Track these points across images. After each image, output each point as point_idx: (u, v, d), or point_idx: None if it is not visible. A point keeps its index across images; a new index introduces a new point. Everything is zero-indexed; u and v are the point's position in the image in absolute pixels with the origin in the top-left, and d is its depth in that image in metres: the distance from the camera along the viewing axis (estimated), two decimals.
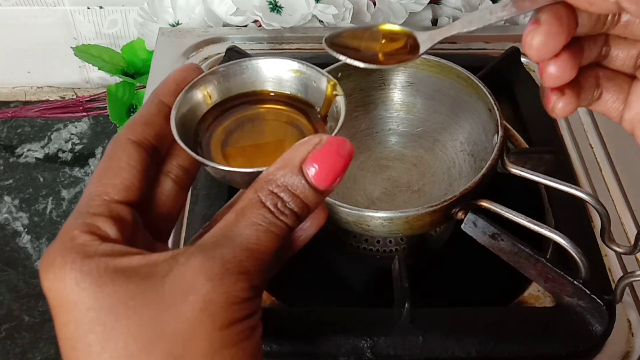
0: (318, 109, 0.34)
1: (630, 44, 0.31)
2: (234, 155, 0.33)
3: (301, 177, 0.28)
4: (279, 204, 0.28)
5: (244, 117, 0.34)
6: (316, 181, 0.28)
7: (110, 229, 0.28)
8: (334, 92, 0.33)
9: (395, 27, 0.33)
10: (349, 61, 0.32)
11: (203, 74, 0.33)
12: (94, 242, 0.27)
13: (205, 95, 0.33)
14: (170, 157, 0.33)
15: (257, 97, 0.35)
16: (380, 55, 0.33)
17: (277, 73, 0.34)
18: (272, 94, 0.35)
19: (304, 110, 0.34)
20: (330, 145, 0.28)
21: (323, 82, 0.33)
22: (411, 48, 0.32)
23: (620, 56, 0.31)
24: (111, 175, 0.29)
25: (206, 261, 0.26)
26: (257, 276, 0.27)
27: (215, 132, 0.33)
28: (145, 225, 0.31)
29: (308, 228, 0.33)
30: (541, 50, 0.28)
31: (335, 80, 0.33)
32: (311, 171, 0.28)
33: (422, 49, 0.31)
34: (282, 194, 0.28)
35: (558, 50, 0.28)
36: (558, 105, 0.30)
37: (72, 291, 0.26)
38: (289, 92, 0.34)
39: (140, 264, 0.27)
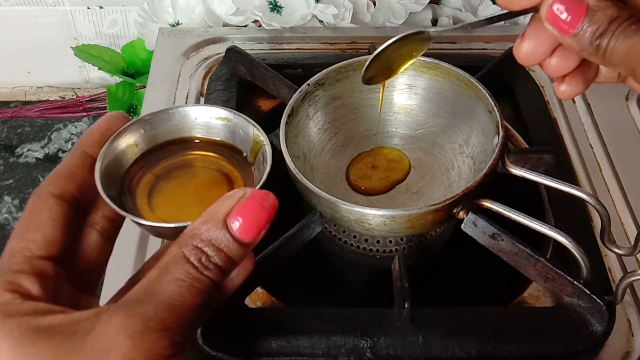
0: (246, 155, 0.34)
1: None
2: (161, 205, 0.32)
3: (225, 231, 0.28)
4: (203, 259, 0.28)
5: (171, 165, 0.34)
6: (240, 234, 0.28)
7: (32, 286, 0.28)
8: (260, 140, 0.33)
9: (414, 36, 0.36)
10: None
11: (128, 123, 0.33)
12: (16, 300, 0.27)
13: (131, 145, 0.33)
14: (95, 209, 0.32)
15: (184, 144, 0.35)
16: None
17: (204, 120, 0.34)
18: (199, 140, 0.35)
19: (232, 156, 0.34)
20: (253, 198, 0.28)
21: (250, 130, 0.33)
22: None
23: None
24: (33, 231, 0.29)
25: (127, 319, 0.26)
26: (180, 332, 0.27)
27: (142, 181, 0.33)
28: (69, 278, 0.31)
29: (235, 277, 0.32)
30: (533, 54, 0.29)
31: (260, 129, 0.33)
32: (235, 225, 0.28)
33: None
34: (206, 249, 0.28)
35: (547, 54, 0.29)
36: (560, 89, 0.33)
37: None
38: (217, 139, 0.34)
39: (62, 323, 0.26)
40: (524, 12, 0.32)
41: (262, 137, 0.33)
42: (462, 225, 0.45)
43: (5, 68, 0.83)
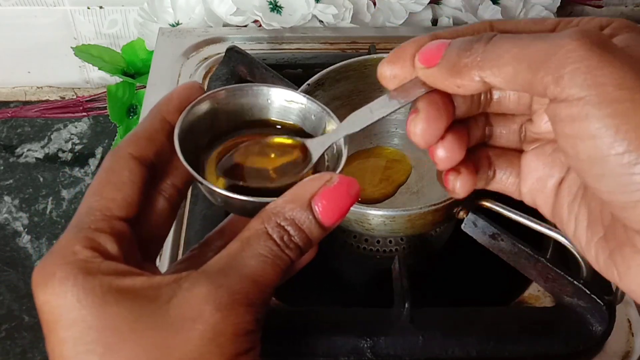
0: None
1: (509, 119, 0.32)
2: (230, 180, 0.33)
3: (309, 213, 0.28)
4: (285, 237, 0.28)
5: (242, 142, 0.34)
6: (323, 218, 0.28)
7: (111, 246, 0.27)
8: (333, 127, 0.33)
9: (284, 139, 0.33)
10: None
11: (206, 94, 0.33)
12: (97, 259, 0.27)
13: (206, 116, 0.33)
14: (164, 176, 0.32)
15: (258, 124, 0.34)
16: (271, 172, 0.33)
17: (279, 102, 0.34)
18: (274, 123, 0.35)
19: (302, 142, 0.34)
20: (341, 184, 0.28)
21: (324, 117, 0.33)
22: (303, 157, 0.33)
23: (504, 133, 0.32)
24: (112, 190, 0.29)
25: (213, 289, 0.26)
26: (262, 309, 0.27)
27: (212, 154, 0.33)
28: (137, 243, 0.30)
29: (298, 262, 0.32)
30: (425, 137, 0.29)
31: (334, 116, 0.33)
32: (319, 207, 0.28)
33: (314, 157, 0.32)
34: (288, 228, 0.28)
35: (440, 133, 0.30)
36: (457, 185, 0.31)
37: (73, 308, 0.25)
38: (290, 122, 0.34)
39: (144, 286, 0.26)
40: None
41: (337, 124, 0.33)
42: (462, 225, 0.45)
43: (5, 68, 0.83)
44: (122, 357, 0.25)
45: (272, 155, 0.34)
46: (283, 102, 0.34)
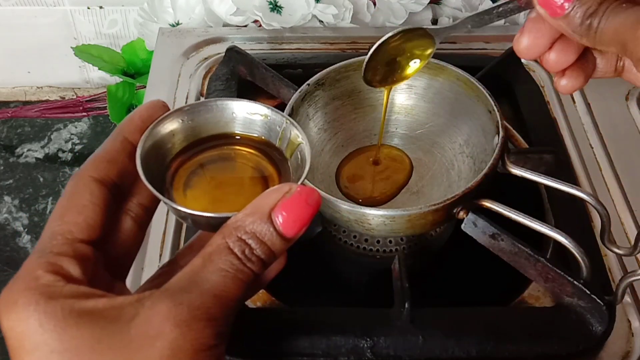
0: (282, 152, 0.34)
1: None
2: (196, 196, 0.33)
3: (269, 225, 0.28)
4: (247, 251, 0.28)
5: (208, 157, 0.34)
6: (284, 229, 0.28)
7: (74, 269, 0.28)
8: (298, 139, 0.33)
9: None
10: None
11: (168, 113, 0.33)
12: (58, 282, 0.27)
13: (169, 134, 0.33)
14: (130, 196, 0.32)
15: (222, 138, 0.35)
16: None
17: (243, 115, 0.34)
18: (237, 136, 0.35)
19: (268, 152, 0.34)
20: (299, 194, 0.28)
21: (287, 127, 0.34)
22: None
23: None
24: (74, 213, 0.29)
25: (174, 307, 0.26)
26: (223, 322, 0.27)
27: (178, 172, 0.33)
28: (104, 264, 0.31)
29: (267, 272, 0.33)
30: (528, 53, 0.33)
31: (298, 127, 0.33)
32: (279, 219, 0.28)
33: (437, 42, 0.34)
34: (249, 241, 0.28)
35: (544, 50, 0.32)
36: (560, 83, 0.34)
37: (35, 332, 0.25)
38: (255, 135, 0.35)
39: (106, 307, 0.26)
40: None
41: (300, 135, 0.33)
42: (462, 225, 0.45)
43: (5, 68, 0.83)
44: None
45: (238, 169, 0.34)
46: (246, 114, 0.34)
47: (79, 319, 0.26)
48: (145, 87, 0.67)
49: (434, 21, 0.74)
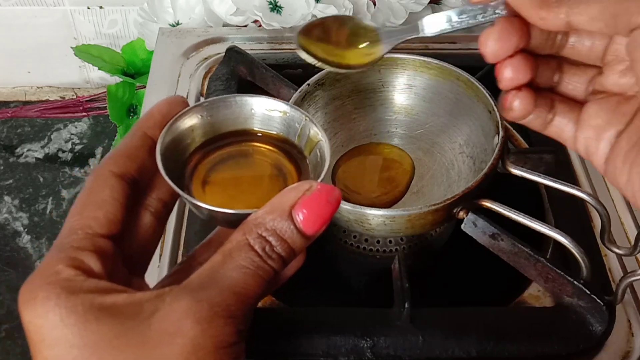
0: (300, 149, 0.34)
1: (580, 70, 0.32)
2: (215, 192, 0.33)
3: (290, 223, 0.28)
4: (267, 248, 0.28)
5: (226, 153, 0.34)
6: (304, 227, 0.28)
7: (94, 264, 0.28)
8: (317, 136, 0.33)
9: (362, 23, 0.33)
10: (318, 64, 0.32)
11: (187, 108, 0.33)
12: (79, 277, 0.27)
13: (189, 130, 0.33)
14: (149, 191, 0.32)
15: (241, 134, 0.35)
16: (346, 53, 0.33)
17: (262, 111, 0.34)
18: (256, 132, 0.35)
19: (286, 150, 0.34)
20: (320, 192, 0.28)
21: (306, 124, 0.34)
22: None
23: (572, 81, 0.33)
24: (94, 208, 0.29)
25: (194, 303, 0.26)
26: (243, 320, 0.27)
27: (197, 167, 0.33)
28: (123, 259, 0.31)
29: (286, 270, 0.32)
30: (495, 49, 0.29)
31: (317, 125, 0.33)
32: (300, 217, 0.28)
33: (384, 50, 0.32)
34: (270, 238, 0.28)
35: (511, 51, 0.30)
36: (515, 102, 0.32)
37: (56, 327, 0.25)
38: (273, 132, 0.35)
39: (126, 303, 0.26)
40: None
41: (320, 132, 0.33)
42: (462, 225, 0.45)
43: (5, 68, 0.83)
44: None
45: (256, 165, 0.34)
46: (265, 111, 0.34)
47: (99, 314, 0.26)
48: (145, 87, 0.67)
49: None
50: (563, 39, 0.31)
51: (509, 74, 0.30)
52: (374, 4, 0.71)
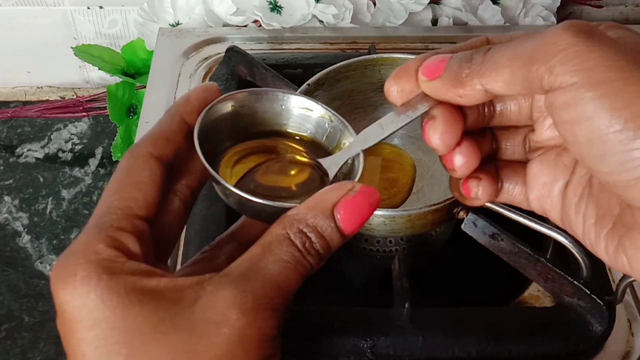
0: (330, 150, 0.34)
1: (512, 132, 0.33)
2: (242, 184, 0.32)
3: (331, 221, 0.28)
4: (307, 244, 0.28)
5: (256, 147, 0.34)
6: (344, 226, 0.28)
7: (134, 246, 0.27)
8: (349, 140, 0.33)
9: (300, 158, 0.34)
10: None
11: (224, 96, 0.33)
12: (120, 258, 0.26)
13: (224, 119, 0.33)
14: (180, 177, 0.32)
15: (271, 130, 0.34)
16: (293, 187, 0.33)
17: (294, 109, 0.34)
18: (286, 129, 0.35)
19: (315, 149, 0.34)
20: (363, 194, 0.28)
21: (338, 127, 0.34)
22: (321, 175, 0.33)
23: (509, 145, 0.33)
24: (133, 189, 0.29)
25: (239, 294, 0.26)
26: (284, 314, 0.27)
27: (225, 157, 0.33)
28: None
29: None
30: (445, 140, 0.30)
31: (349, 126, 0.33)
32: (340, 215, 0.28)
33: (331, 175, 0.32)
34: (310, 234, 0.28)
35: (459, 137, 0.30)
36: (479, 192, 0.32)
37: (96, 308, 0.25)
38: (303, 130, 0.35)
39: (168, 287, 0.26)
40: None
41: (352, 134, 0.33)
42: (462, 225, 0.45)
43: (5, 68, 0.83)
44: (146, 358, 0.25)
45: (287, 173, 0.34)
46: (298, 109, 0.34)
47: (142, 297, 0.25)
48: (145, 87, 0.67)
49: (434, 21, 0.74)
50: (490, 109, 0.32)
51: (461, 161, 0.31)
52: (374, 4, 0.71)
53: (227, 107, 0.33)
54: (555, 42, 0.25)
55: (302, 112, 0.34)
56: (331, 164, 0.32)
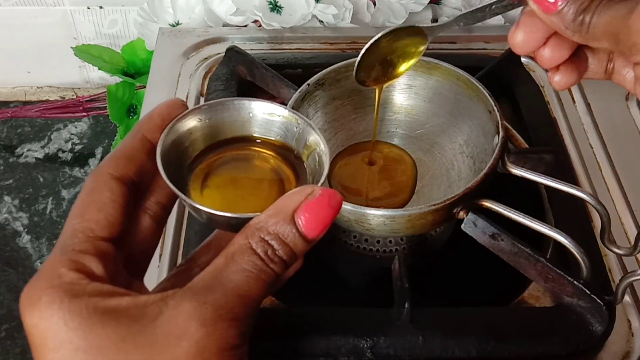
0: (297, 153, 0.34)
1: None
2: (213, 196, 0.33)
3: (292, 226, 0.28)
4: (269, 252, 0.28)
5: (225, 157, 0.34)
6: (306, 230, 0.28)
7: (96, 267, 0.28)
8: (316, 141, 0.33)
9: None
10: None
11: (187, 111, 0.33)
12: (82, 280, 0.27)
13: (188, 133, 0.33)
14: (148, 194, 0.32)
15: (239, 138, 0.35)
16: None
17: (260, 115, 0.35)
18: (254, 136, 0.35)
19: (284, 154, 0.34)
20: (322, 197, 0.29)
21: (305, 129, 0.34)
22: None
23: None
24: (94, 210, 0.29)
25: (198, 306, 0.26)
26: (246, 322, 0.28)
27: (195, 171, 0.33)
28: (122, 262, 0.31)
29: (286, 273, 0.33)
30: (524, 47, 0.33)
31: (316, 129, 0.34)
32: (302, 221, 0.28)
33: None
34: (272, 242, 0.28)
35: (539, 44, 0.34)
36: (554, 79, 0.35)
37: (60, 330, 0.25)
38: (272, 136, 0.35)
39: (130, 306, 0.26)
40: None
41: (318, 137, 0.33)
42: (462, 225, 0.45)
43: (5, 68, 0.83)
44: None
45: (255, 169, 0.34)
46: (264, 115, 0.34)
47: (103, 317, 0.26)
48: (145, 87, 0.67)
49: (434, 21, 0.74)
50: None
51: (543, 57, 0.33)
52: (374, 4, 0.71)
53: (194, 121, 0.33)
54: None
55: (269, 118, 0.34)
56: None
